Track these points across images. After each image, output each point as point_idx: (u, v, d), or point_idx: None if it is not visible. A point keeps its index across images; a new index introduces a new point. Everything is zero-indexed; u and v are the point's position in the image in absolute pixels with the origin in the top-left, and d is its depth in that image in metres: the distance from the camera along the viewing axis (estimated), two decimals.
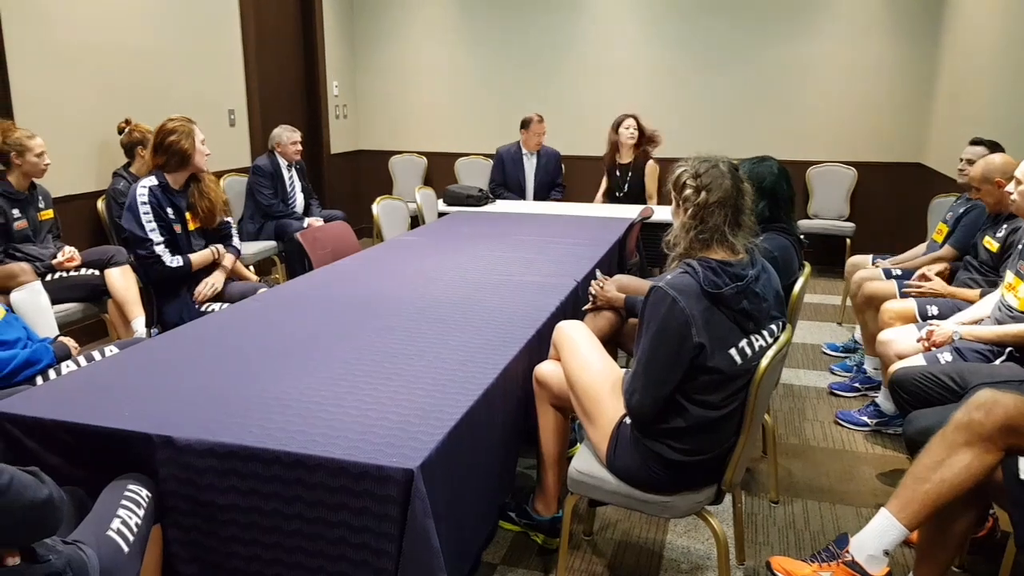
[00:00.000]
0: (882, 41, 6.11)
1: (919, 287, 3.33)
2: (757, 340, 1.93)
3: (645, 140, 5.25)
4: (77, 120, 4.24)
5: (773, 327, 1.98)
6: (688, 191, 1.94)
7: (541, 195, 5.75)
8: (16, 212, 3.45)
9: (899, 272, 3.79)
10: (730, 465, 1.98)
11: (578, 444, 2.66)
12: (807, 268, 2.72)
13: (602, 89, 6.67)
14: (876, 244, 5.82)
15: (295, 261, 4.90)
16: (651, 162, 5.25)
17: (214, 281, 3.34)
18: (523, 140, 5.70)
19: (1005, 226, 3.21)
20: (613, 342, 2.96)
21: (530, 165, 5.74)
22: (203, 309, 3.23)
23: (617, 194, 5.35)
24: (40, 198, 3.62)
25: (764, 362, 1.89)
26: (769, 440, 2.83)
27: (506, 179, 5.75)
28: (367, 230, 6.39)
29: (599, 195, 5.53)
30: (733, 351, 1.88)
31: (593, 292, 2.83)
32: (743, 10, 6.29)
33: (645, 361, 1.88)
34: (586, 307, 2.86)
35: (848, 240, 6.05)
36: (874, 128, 6.27)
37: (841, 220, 6.26)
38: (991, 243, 3.25)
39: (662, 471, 1.94)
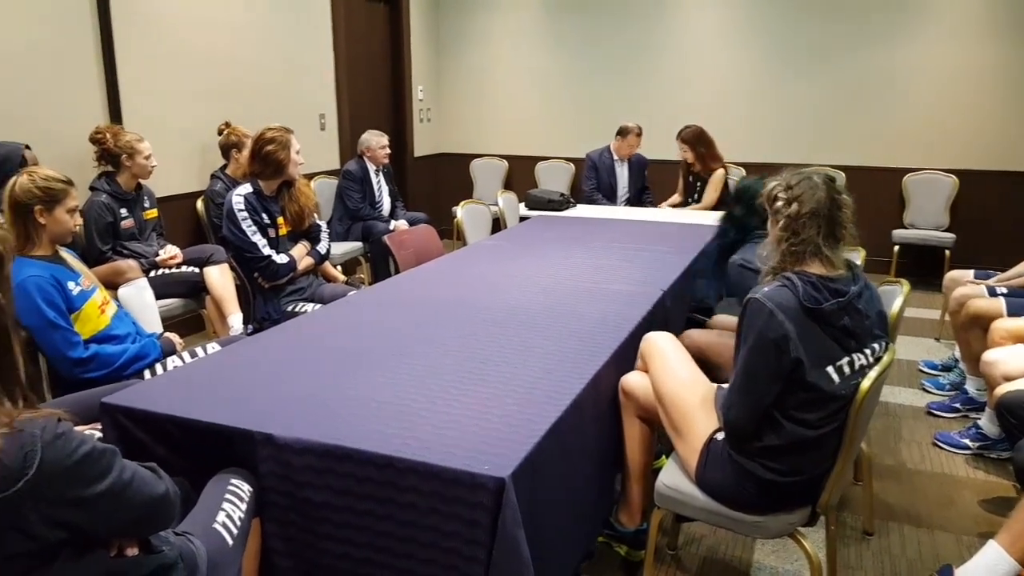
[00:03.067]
0: (986, 43, 5.80)
1: None
2: (858, 359, 1.87)
3: (700, 154, 5.20)
4: (180, 124, 4.43)
5: (875, 346, 1.92)
6: (779, 203, 1.92)
7: (634, 201, 5.73)
8: (124, 211, 3.63)
9: (1005, 290, 3.59)
10: (826, 487, 1.92)
11: (664, 456, 2.64)
12: (906, 286, 2.61)
13: (689, 93, 6.57)
14: (979, 257, 5.52)
15: (380, 261, 5.02)
16: (720, 171, 5.18)
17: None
18: (615, 147, 5.66)
19: None
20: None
21: (622, 172, 5.71)
22: (295, 309, 3.33)
23: (690, 201, 5.31)
24: (145, 198, 3.81)
25: (866, 383, 1.83)
26: (864, 467, 2.73)
27: (599, 184, 5.72)
28: (447, 232, 6.47)
29: (668, 201, 5.50)
30: (831, 369, 1.82)
31: None
32: (837, 12, 6.09)
33: (742, 375, 1.85)
34: None
35: (947, 252, 5.77)
36: (978, 134, 5.95)
37: (940, 231, 5.96)
38: None
39: (754, 490, 1.90)
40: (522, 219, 5.00)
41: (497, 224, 5.02)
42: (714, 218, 4.45)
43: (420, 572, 1.65)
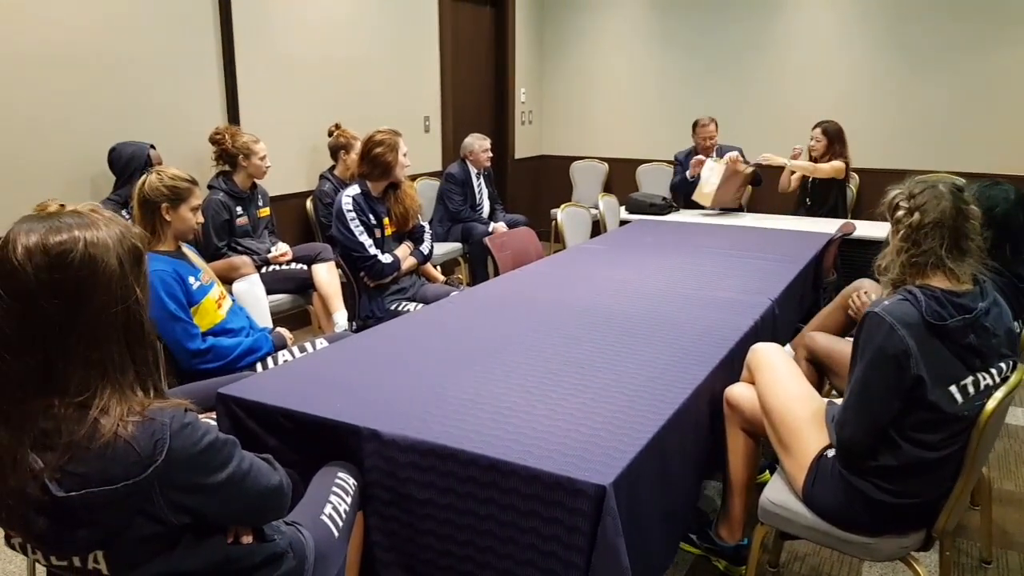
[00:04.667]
0: None
1: None
2: (984, 379, 1.77)
3: (834, 148, 4.94)
4: (292, 125, 4.61)
5: (1002, 365, 1.80)
6: (901, 212, 1.84)
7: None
8: (239, 209, 3.81)
9: None
10: (944, 510, 1.82)
11: (767, 472, 2.55)
12: None
13: (800, 93, 6.35)
14: None
15: (478, 263, 5.08)
16: (838, 162, 4.90)
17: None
18: (695, 142, 5.48)
19: None
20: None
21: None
22: (399, 308, 3.41)
23: (808, 201, 5.08)
24: (259, 197, 3.98)
25: (991, 404, 1.72)
26: (983, 491, 2.56)
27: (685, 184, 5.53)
28: (545, 234, 6.48)
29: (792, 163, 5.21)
30: (954, 388, 1.73)
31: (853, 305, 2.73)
32: (960, 12, 5.75)
33: (858, 391, 1.78)
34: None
35: None
36: None
37: None
38: None
39: (865, 511, 1.82)
40: (622, 223, 4.95)
41: (597, 227, 4.99)
42: (830, 226, 4.28)
43: (519, 573, 1.66)
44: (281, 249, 3.87)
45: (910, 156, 5.92)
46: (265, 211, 4.01)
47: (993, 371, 1.78)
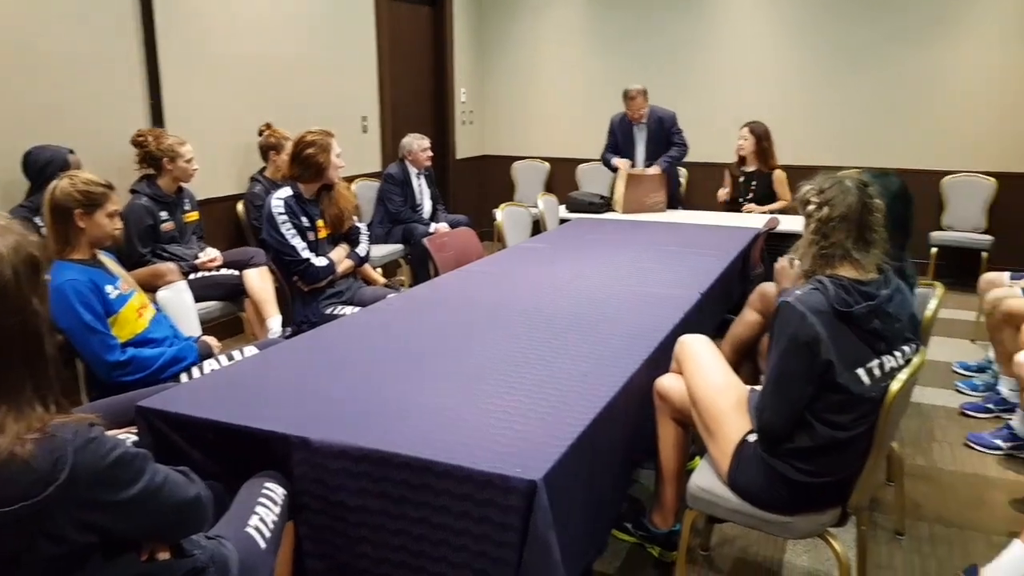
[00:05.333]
0: None
1: None
2: (888, 361, 1.87)
3: (763, 149, 5.07)
4: (221, 126, 4.50)
5: (906, 348, 1.91)
6: (811, 206, 1.92)
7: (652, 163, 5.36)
8: (164, 214, 3.67)
9: None
10: (856, 488, 1.91)
11: (697, 458, 2.61)
12: (940, 288, 2.54)
13: (732, 94, 6.50)
14: (1016, 259, 5.42)
15: (420, 264, 5.05)
16: (780, 171, 5.08)
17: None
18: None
19: None
20: (751, 358, 2.91)
21: (640, 136, 5.42)
22: (334, 312, 3.37)
23: (741, 200, 5.19)
24: (186, 201, 3.86)
25: (895, 385, 1.82)
26: (895, 467, 2.70)
27: (619, 149, 5.48)
28: (487, 234, 6.48)
29: (722, 190, 5.37)
30: (861, 371, 1.83)
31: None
32: (878, 14, 5.99)
33: (775, 378, 1.86)
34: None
35: (984, 254, 5.65)
36: (1017, 137, 5.81)
37: (977, 233, 5.85)
38: None
39: (786, 491, 1.90)
40: (562, 221, 4.98)
41: (538, 227, 5.01)
42: (758, 220, 4.40)
43: (452, 575, 1.66)
44: (210, 254, 3.77)
45: (826, 153, 6.12)
46: (193, 215, 3.91)
47: (897, 354, 1.88)
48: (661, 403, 2.27)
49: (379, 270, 4.52)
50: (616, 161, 5.24)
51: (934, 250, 5.80)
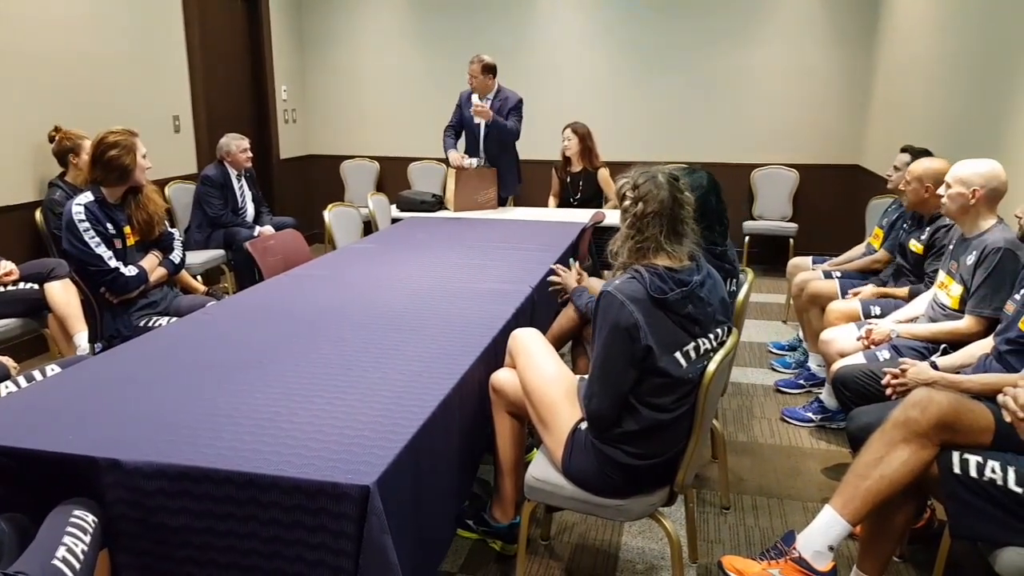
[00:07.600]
0: (821, 48, 6.29)
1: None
2: (703, 344, 1.98)
3: (587, 148, 5.26)
4: (12, 129, 4.11)
5: (719, 331, 2.04)
6: (627, 202, 2.01)
7: (490, 146, 5.33)
8: None
9: (839, 273, 3.91)
10: (681, 467, 2.02)
11: (535, 450, 2.69)
12: (750, 274, 2.77)
13: (554, 92, 6.71)
14: (817, 244, 5.99)
15: (244, 270, 4.82)
16: (604, 169, 5.27)
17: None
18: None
19: (928, 228, 3.32)
20: (578, 344, 3.02)
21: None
22: (149, 324, 3.16)
23: (572, 200, 5.37)
24: None
25: (712, 367, 1.94)
26: (719, 445, 2.89)
27: (463, 124, 5.43)
28: (318, 236, 6.31)
29: (551, 198, 5.54)
30: (679, 354, 1.93)
31: (557, 280, 2.90)
32: (689, 15, 6.41)
33: (600, 365, 1.93)
34: (554, 288, 2.95)
35: (791, 240, 6.21)
36: (814, 131, 6.45)
37: (784, 221, 6.43)
38: (916, 246, 3.36)
39: (617, 475, 1.98)
40: (394, 221, 4.95)
41: (369, 227, 4.94)
42: (584, 215, 4.58)
43: None
44: (4, 268, 3.41)
45: (648, 147, 6.51)
46: None
47: (710, 336, 2.01)
48: (496, 397, 2.31)
49: (199, 278, 4.28)
50: (450, 153, 5.20)
51: (747, 238, 6.30)
